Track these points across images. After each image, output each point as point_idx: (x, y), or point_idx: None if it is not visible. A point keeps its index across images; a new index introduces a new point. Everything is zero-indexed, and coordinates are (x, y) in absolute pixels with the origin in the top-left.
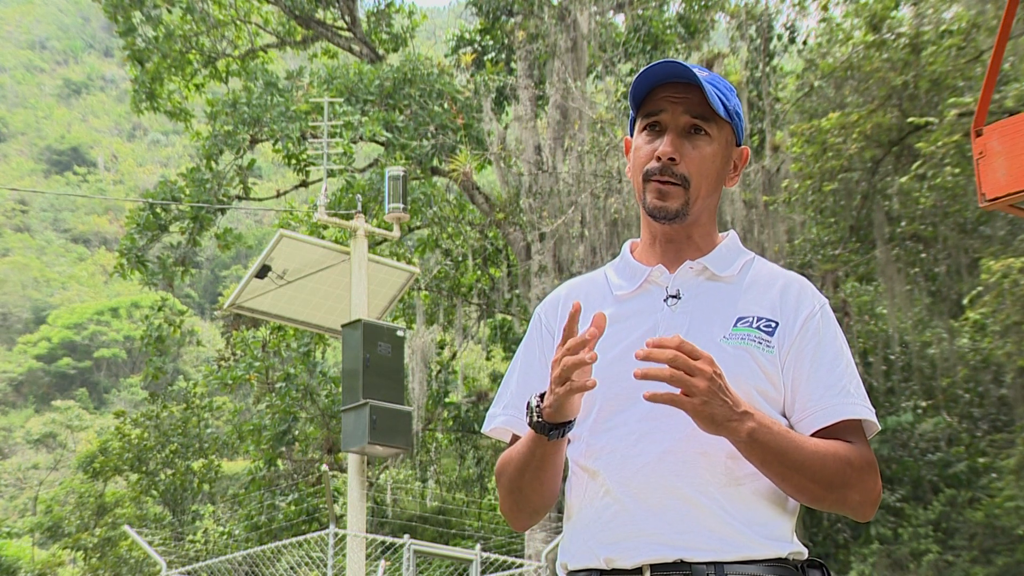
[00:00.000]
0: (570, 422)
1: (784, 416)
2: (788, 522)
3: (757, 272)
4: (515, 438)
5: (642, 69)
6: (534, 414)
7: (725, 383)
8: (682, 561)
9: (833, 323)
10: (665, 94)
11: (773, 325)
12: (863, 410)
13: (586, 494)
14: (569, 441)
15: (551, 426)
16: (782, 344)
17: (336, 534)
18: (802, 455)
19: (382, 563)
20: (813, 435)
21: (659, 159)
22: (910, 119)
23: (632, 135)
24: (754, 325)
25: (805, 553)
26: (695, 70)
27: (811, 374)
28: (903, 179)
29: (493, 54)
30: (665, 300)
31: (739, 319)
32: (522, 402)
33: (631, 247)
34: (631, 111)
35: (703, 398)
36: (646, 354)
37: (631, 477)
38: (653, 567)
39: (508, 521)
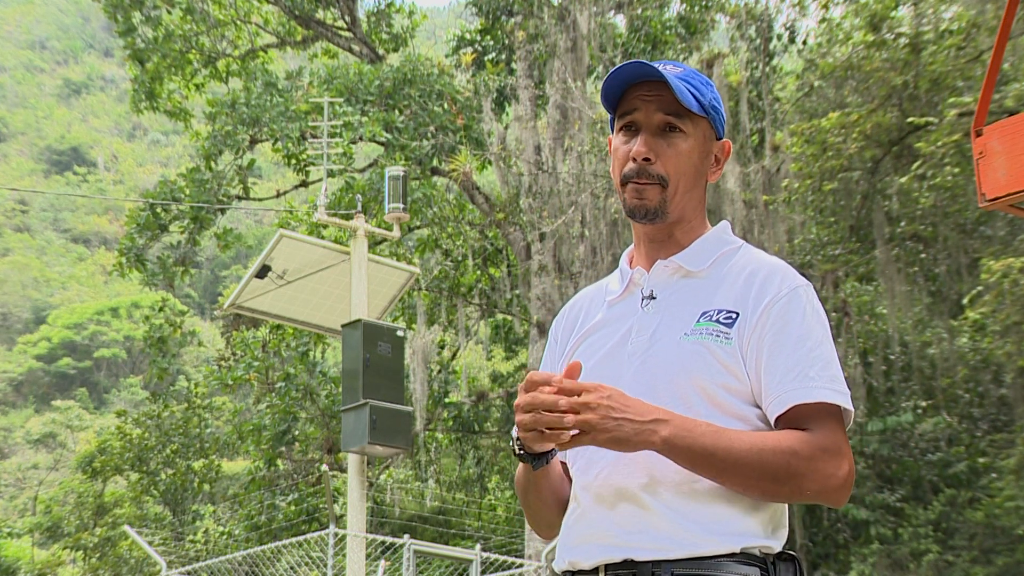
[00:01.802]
0: (549, 452)
1: (756, 406)
2: (752, 517)
3: (735, 263)
4: None
5: (611, 71)
6: (515, 445)
7: (620, 401)
8: (630, 560)
9: (802, 306)
10: (638, 93)
11: (733, 316)
12: (821, 392)
13: (569, 500)
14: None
15: (532, 456)
16: (742, 334)
17: (336, 534)
18: (733, 453)
19: (382, 563)
20: (776, 423)
21: (635, 160)
22: (910, 119)
23: (613, 133)
24: (714, 319)
25: (776, 547)
26: (663, 67)
27: (769, 361)
28: (903, 179)
29: (493, 54)
30: (641, 302)
31: (702, 314)
32: None
33: (629, 253)
34: (608, 110)
35: (600, 427)
36: (528, 406)
37: (591, 481)
38: (607, 567)
39: (534, 531)
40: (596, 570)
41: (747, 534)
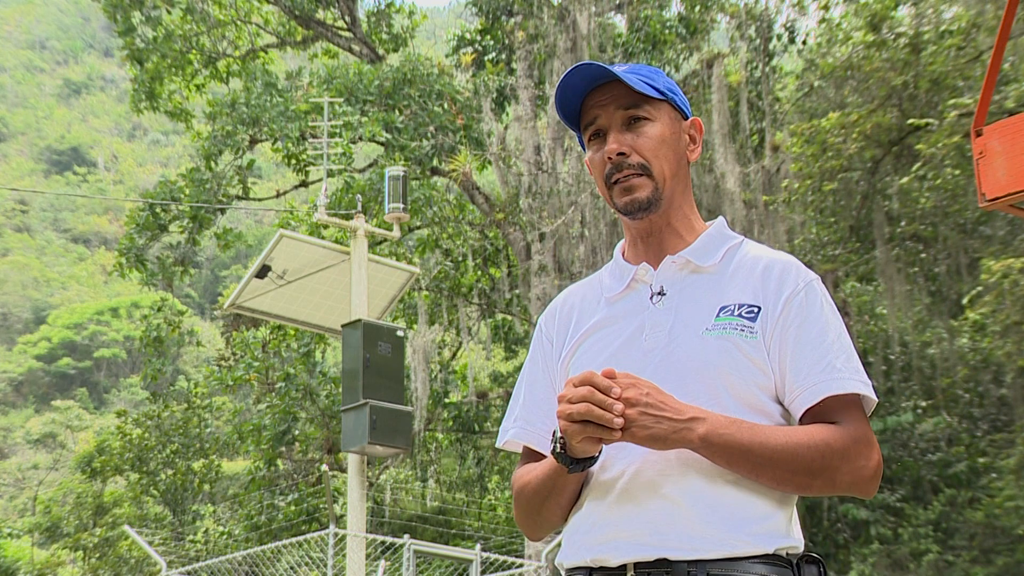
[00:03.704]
0: (593, 458)
1: (778, 402)
2: (782, 515)
3: (743, 257)
4: (527, 450)
5: (556, 89)
6: (557, 445)
7: (656, 398)
8: (664, 560)
9: (819, 299)
10: (593, 101)
11: (755, 310)
12: (851, 383)
13: (580, 497)
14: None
15: (573, 460)
16: (765, 328)
17: (336, 534)
18: (769, 449)
19: (382, 563)
20: (803, 416)
21: (610, 159)
22: (910, 120)
23: (585, 152)
24: (736, 313)
25: (801, 547)
26: (604, 66)
27: (795, 354)
28: (903, 180)
29: (493, 54)
30: (651, 298)
31: (721, 309)
32: (531, 415)
33: (622, 248)
34: (575, 132)
35: (639, 424)
36: (563, 412)
37: (616, 478)
38: (636, 565)
39: (524, 533)
40: (623, 568)
41: (776, 534)
